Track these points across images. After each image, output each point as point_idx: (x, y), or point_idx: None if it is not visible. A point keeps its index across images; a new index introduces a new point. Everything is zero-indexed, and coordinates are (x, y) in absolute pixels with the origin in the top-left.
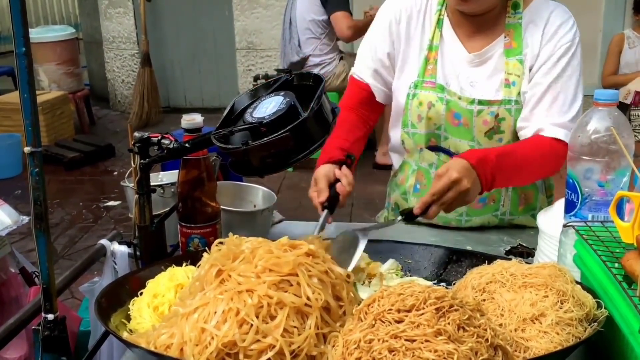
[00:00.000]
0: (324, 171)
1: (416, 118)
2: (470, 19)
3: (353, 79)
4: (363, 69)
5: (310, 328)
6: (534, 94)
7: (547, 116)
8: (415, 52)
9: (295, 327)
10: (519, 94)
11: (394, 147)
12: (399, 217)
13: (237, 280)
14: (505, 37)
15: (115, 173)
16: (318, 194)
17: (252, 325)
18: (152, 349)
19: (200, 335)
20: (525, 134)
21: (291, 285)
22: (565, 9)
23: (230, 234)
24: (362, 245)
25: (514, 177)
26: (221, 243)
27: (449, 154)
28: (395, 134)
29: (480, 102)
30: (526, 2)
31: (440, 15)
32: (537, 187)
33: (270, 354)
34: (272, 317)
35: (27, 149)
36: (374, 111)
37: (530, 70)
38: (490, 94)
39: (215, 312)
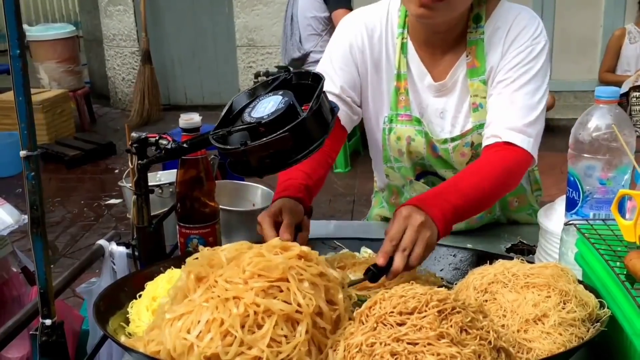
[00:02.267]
0: (290, 206)
1: (397, 153)
2: (433, 38)
3: None
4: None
5: (300, 335)
6: (495, 101)
7: (503, 121)
8: (384, 82)
9: (284, 335)
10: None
11: (379, 176)
12: (366, 279)
13: (224, 286)
14: (467, 55)
15: (116, 171)
16: (282, 232)
17: (236, 336)
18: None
19: (183, 345)
20: (483, 142)
21: (281, 291)
22: (531, 12)
23: (207, 248)
24: None
25: (477, 199)
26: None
27: (439, 176)
28: (377, 166)
29: (453, 139)
30: (488, 12)
31: (402, 39)
32: (525, 188)
33: None
34: (260, 326)
35: (22, 153)
36: (338, 140)
37: (492, 83)
38: (461, 124)
39: (199, 322)
